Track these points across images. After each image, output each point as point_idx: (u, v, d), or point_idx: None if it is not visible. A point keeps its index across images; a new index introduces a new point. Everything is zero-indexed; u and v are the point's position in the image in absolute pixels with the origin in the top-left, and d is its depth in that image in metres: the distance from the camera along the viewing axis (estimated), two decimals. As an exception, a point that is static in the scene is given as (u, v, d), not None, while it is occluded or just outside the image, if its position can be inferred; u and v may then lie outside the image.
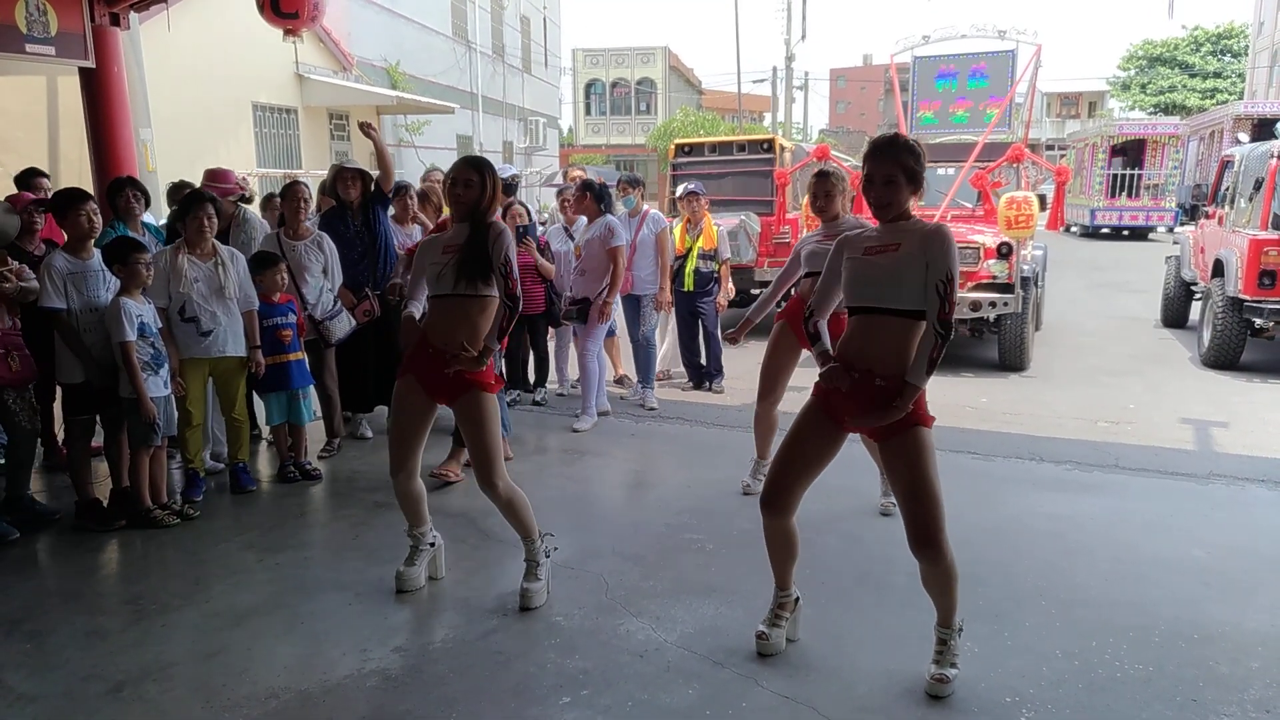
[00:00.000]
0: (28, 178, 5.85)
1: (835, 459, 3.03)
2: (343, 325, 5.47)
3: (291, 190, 5.36)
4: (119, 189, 5.14)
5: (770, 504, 3.01)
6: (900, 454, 2.80)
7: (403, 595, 3.64)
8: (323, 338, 5.43)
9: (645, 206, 6.83)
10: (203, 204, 4.64)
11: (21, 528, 4.29)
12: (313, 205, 5.65)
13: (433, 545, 3.77)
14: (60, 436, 4.99)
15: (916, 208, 2.94)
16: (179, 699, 2.93)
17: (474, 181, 3.44)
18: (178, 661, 3.15)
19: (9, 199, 5.13)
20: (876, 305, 2.83)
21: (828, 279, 3.04)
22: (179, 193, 5.68)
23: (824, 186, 4.38)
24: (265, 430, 5.65)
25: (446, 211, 4.94)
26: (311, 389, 5.27)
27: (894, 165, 2.80)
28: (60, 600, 3.66)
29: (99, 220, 4.45)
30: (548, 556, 3.63)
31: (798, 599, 3.24)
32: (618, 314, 7.12)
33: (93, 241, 4.43)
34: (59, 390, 4.53)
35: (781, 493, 3.00)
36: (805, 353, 4.34)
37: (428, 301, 3.59)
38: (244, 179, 6.17)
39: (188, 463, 4.74)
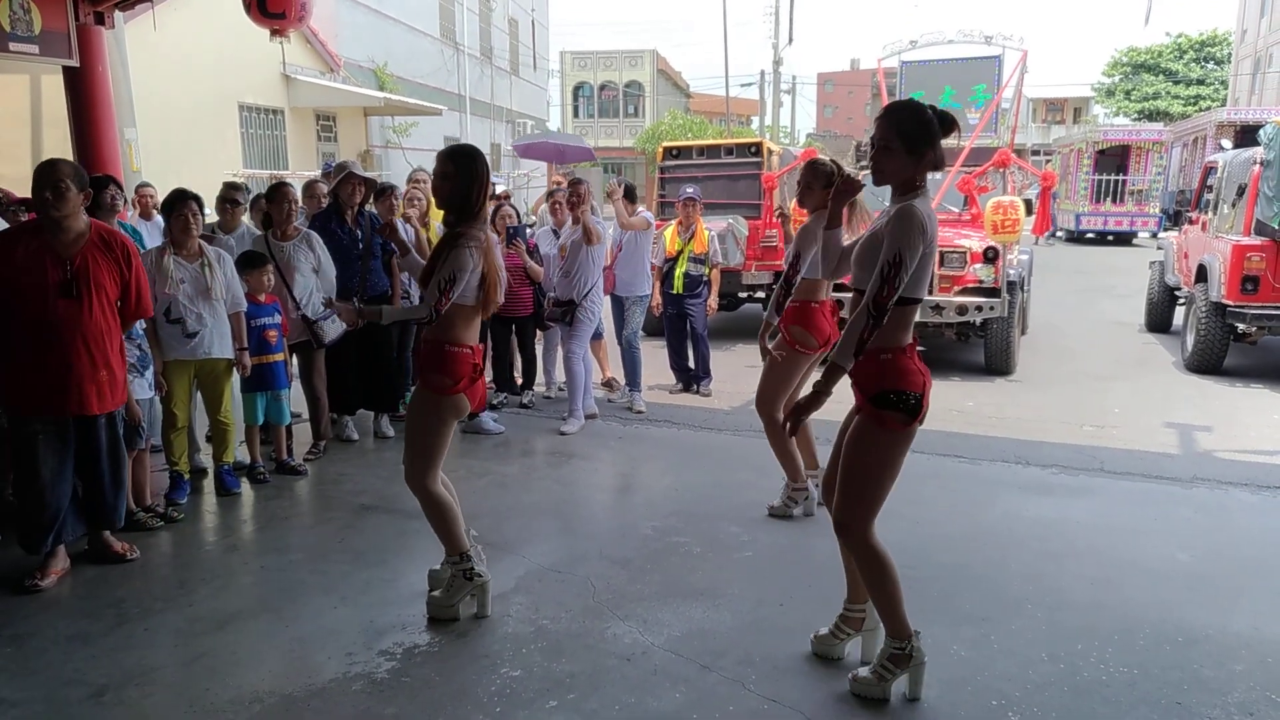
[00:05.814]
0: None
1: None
2: (336, 327, 5.43)
3: (280, 191, 5.37)
4: (102, 186, 5.07)
5: (827, 500, 3.02)
6: (853, 434, 2.83)
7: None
8: (315, 338, 5.40)
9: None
10: (186, 201, 4.59)
11: (2, 530, 4.24)
12: (299, 204, 5.64)
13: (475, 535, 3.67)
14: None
15: None
16: (162, 704, 2.90)
17: (449, 173, 3.25)
18: (161, 666, 3.12)
19: None
20: (859, 288, 2.81)
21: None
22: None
23: (805, 176, 4.35)
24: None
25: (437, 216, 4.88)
26: (287, 391, 5.25)
27: (889, 130, 2.72)
28: (41, 604, 3.62)
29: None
30: (469, 579, 3.41)
31: (864, 619, 3.10)
32: (604, 317, 7.12)
33: None
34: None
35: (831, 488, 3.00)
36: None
37: None
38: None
39: (172, 465, 4.70)
